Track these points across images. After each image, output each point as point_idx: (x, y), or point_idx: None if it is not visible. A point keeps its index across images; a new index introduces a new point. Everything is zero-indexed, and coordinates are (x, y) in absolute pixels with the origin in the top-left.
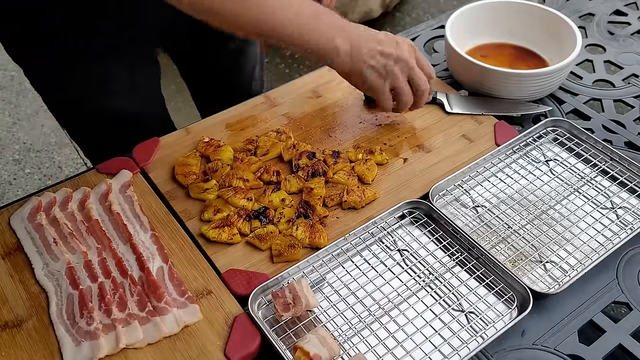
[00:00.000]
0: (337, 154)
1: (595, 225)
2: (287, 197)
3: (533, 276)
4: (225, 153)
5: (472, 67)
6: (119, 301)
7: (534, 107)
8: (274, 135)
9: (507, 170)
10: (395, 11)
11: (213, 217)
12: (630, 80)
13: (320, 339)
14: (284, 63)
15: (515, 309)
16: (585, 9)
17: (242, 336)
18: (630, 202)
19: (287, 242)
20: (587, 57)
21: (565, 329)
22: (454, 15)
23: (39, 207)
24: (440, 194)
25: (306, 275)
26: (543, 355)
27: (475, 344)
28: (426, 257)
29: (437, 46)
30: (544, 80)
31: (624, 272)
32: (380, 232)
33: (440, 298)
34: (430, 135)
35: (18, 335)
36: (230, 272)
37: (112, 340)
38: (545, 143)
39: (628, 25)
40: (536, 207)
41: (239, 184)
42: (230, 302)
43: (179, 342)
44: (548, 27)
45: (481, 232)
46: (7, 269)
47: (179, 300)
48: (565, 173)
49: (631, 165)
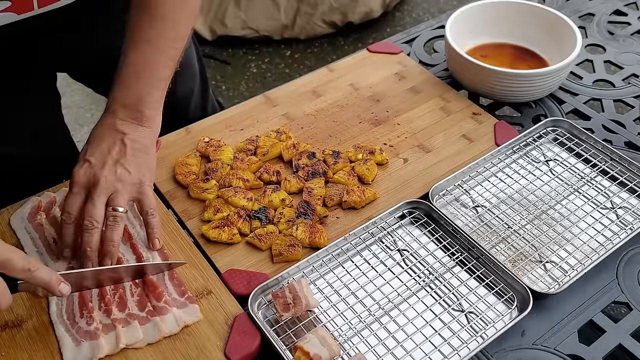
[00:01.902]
0: (337, 154)
1: (595, 225)
2: (287, 197)
3: (533, 276)
4: (225, 153)
5: (472, 67)
6: (119, 301)
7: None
8: (274, 135)
9: (507, 170)
10: (395, 11)
11: (213, 217)
12: (630, 80)
13: (320, 339)
14: (283, 63)
15: (515, 309)
16: (585, 9)
17: (242, 336)
18: (630, 202)
19: (287, 242)
20: (587, 57)
21: (565, 329)
22: (454, 15)
23: (39, 207)
24: (440, 194)
25: (306, 275)
26: (543, 355)
27: (475, 344)
28: (426, 257)
29: (437, 46)
30: (544, 80)
31: (624, 272)
32: (380, 232)
33: (440, 298)
34: (430, 135)
35: (18, 335)
36: (230, 272)
37: (112, 340)
38: (545, 143)
39: (628, 25)
40: (536, 207)
41: (239, 184)
42: (230, 302)
43: (179, 342)
44: (548, 27)
45: (481, 232)
46: None
47: (178, 300)
48: (565, 173)
49: (631, 165)
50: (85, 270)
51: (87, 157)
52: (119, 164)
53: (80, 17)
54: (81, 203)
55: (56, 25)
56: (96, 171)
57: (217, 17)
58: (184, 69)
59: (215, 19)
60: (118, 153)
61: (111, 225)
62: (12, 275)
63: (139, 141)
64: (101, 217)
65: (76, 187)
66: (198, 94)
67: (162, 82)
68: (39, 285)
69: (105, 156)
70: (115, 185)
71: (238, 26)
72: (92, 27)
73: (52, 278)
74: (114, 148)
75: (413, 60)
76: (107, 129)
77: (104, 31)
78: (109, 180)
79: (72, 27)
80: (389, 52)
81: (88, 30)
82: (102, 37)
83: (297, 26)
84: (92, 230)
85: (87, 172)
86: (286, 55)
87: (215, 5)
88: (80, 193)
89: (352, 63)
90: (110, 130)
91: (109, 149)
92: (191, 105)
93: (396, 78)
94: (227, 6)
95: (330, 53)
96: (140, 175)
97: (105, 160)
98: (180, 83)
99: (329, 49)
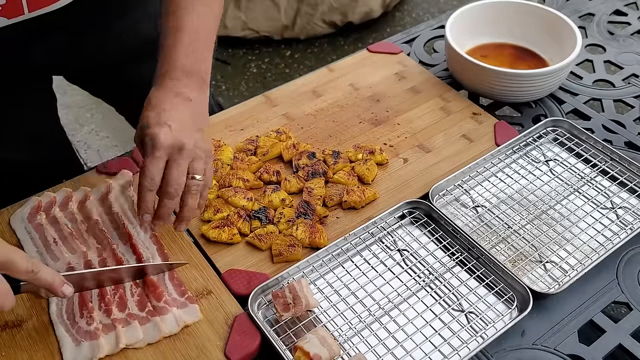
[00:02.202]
0: (337, 154)
1: (595, 225)
2: (287, 197)
3: (533, 276)
4: (225, 153)
5: (472, 67)
6: (119, 301)
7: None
8: (274, 135)
9: (507, 170)
10: (395, 11)
11: (213, 217)
12: (630, 80)
13: (320, 339)
14: (283, 63)
15: (515, 309)
16: (585, 9)
17: (242, 336)
18: (630, 202)
19: (287, 242)
20: (587, 57)
21: (565, 329)
22: (454, 15)
23: (39, 207)
24: (440, 194)
25: (306, 275)
26: (543, 355)
27: (475, 344)
28: (426, 257)
29: (437, 46)
30: (544, 80)
31: (624, 272)
32: (380, 232)
33: (440, 298)
34: (430, 135)
35: (18, 335)
36: (230, 272)
37: (112, 340)
38: (545, 143)
39: (628, 25)
40: (536, 207)
41: (239, 184)
42: (230, 302)
43: (179, 342)
44: (548, 27)
45: (481, 232)
46: None
47: (179, 300)
48: (565, 173)
49: (631, 165)
50: (86, 272)
51: (166, 120)
52: (199, 132)
53: (72, 20)
54: (163, 168)
55: (48, 29)
56: (178, 136)
57: None
58: None
59: None
60: (192, 119)
61: (192, 192)
62: (15, 276)
63: (203, 108)
64: (183, 183)
65: (160, 151)
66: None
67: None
68: (42, 286)
69: (185, 122)
70: (195, 152)
71: (238, 27)
72: (84, 30)
73: (55, 279)
74: (187, 114)
75: (413, 60)
76: (174, 96)
77: (98, 34)
78: (191, 146)
79: (64, 31)
80: (389, 52)
81: (80, 33)
82: (95, 40)
83: (297, 26)
84: (176, 198)
85: (170, 137)
86: (286, 55)
87: None
88: (163, 157)
89: (352, 63)
90: (178, 97)
91: (183, 115)
92: None
93: (396, 78)
94: (227, 7)
95: (330, 53)
96: (209, 144)
97: (185, 125)
98: None
99: (329, 49)
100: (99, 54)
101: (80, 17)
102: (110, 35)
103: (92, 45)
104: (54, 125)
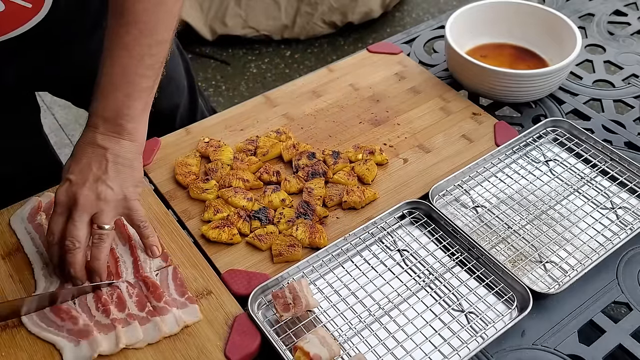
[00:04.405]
0: (337, 154)
1: (595, 225)
2: (287, 197)
3: (533, 276)
4: (225, 153)
5: (472, 67)
6: (118, 301)
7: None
8: (274, 135)
9: (507, 171)
10: (395, 11)
11: (213, 217)
12: (630, 80)
13: (320, 339)
14: (284, 63)
15: (515, 309)
16: (585, 9)
17: (242, 336)
18: (630, 202)
19: (287, 242)
20: (587, 57)
21: (565, 329)
22: (454, 15)
23: (39, 207)
24: (440, 194)
25: (306, 276)
26: (543, 355)
27: (475, 344)
28: (426, 257)
29: (437, 46)
30: (544, 80)
31: (624, 272)
32: (380, 232)
33: (440, 298)
34: (430, 135)
35: (18, 335)
36: (230, 272)
37: (112, 340)
38: (545, 143)
39: (628, 25)
40: (536, 207)
41: (239, 184)
42: (230, 302)
43: (179, 342)
44: (548, 27)
45: (481, 232)
46: (7, 269)
47: (178, 300)
48: (565, 173)
49: (631, 165)
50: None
51: (68, 175)
52: (100, 181)
53: (49, 36)
54: (64, 223)
55: (22, 49)
56: (76, 190)
57: (218, 16)
58: (166, 82)
59: (215, 18)
60: (99, 169)
61: (96, 243)
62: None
63: (121, 155)
64: (84, 236)
65: (59, 207)
66: (186, 106)
67: (144, 93)
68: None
69: (86, 173)
70: (97, 204)
71: (238, 25)
72: (58, 47)
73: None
74: (95, 164)
75: (413, 60)
76: (88, 145)
77: (75, 47)
78: (90, 198)
79: (41, 47)
80: (389, 53)
81: (57, 48)
82: (73, 53)
83: (297, 26)
84: (74, 251)
85: (67, 191)
86: (286, 55)
87: (215, 4)
88: (63, 213)
89: (352, 63)
90: (92, 146)
91: (90, 166)
92: (177, 120)
93: (396, 78)
94: (228, 5)
95: (330, 53)
96: (124, 190)
97: (86, 177)
98: (163, 98)
99: (329, 49)
100: (81, 65)
101: (60, 30)
102: (85, 49)
103: (68, 61)
104: (39, 139)
